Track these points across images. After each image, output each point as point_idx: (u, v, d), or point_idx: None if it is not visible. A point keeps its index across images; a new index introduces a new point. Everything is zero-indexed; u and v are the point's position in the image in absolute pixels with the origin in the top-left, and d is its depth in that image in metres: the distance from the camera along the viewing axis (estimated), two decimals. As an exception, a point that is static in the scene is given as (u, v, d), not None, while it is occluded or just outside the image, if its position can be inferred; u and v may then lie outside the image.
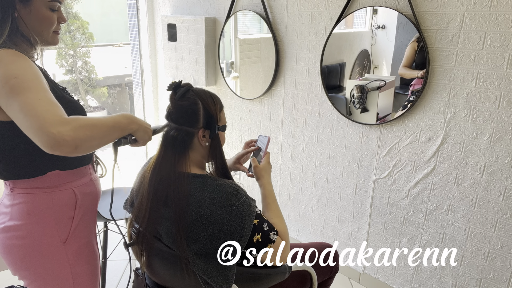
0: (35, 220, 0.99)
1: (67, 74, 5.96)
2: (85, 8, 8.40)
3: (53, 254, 1.02)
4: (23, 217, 0.99)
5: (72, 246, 1.05)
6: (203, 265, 0.98)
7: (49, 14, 0.99)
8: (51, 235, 1.01)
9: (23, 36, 0.96)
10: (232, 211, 0.98)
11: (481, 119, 1.50)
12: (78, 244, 1.07)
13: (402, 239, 1.86)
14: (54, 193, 1.01)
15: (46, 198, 1.00)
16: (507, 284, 1.56)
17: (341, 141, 2.00)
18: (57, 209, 1.02)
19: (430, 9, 1.54)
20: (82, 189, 1.08)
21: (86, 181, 1.11)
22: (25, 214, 0.99)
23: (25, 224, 0.98)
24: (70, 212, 1.04)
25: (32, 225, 0.99)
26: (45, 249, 1.01)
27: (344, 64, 1.87)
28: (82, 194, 1.08)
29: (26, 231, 0.99)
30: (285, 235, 1.10)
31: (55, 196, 1.02)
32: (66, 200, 1.04)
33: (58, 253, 1.02)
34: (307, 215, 2.29)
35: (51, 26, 1.01)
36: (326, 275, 1.42)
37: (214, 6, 2.50)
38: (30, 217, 0.99)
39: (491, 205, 1.54)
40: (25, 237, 0.99)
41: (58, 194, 1.02)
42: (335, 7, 1.85)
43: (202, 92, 1.09)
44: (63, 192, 1.03)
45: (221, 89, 2.63)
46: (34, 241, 0.99)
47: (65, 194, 1.04)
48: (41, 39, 1.01)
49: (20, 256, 1.00)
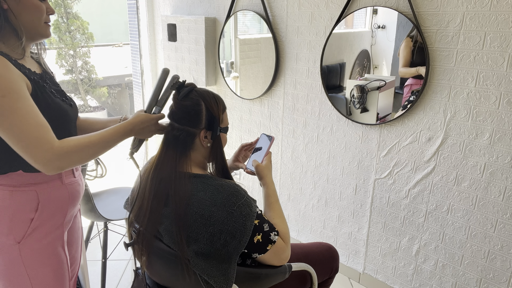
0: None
1: (67, 74, 5.96)
2: (85, 8, 8.40)
3: (6, 252, 1.01)
4: None
5: (28, 247, 1.03)
6: (203, 265, 0.98)
7: (38, 3, 1.00)
8: (5, 233, 1.00)
9: (12, 28, 0.96)
10: (233, 212, 0.98)
11: (481, 119, 1.50)
12: (36, 246, 1.04)
13: (402, 239, 1.86)
14: (14, 192, 1.00)
15: (4, 195, 1.00)
16: (507, 284, 1.57)
17: (341, 141, 2.00)
18: (14, 208, 1.00)
19: (430, 9, 1.54)
20: (48, 192, 1.05)
21: (54, 184, 1.07)
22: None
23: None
24: (30, 214, 1.02)
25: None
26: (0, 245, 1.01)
27: (344, 64, 1.87)
28: (47, 198, 1.05)
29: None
30: (286, 235, 1.10)
31: (14, 195, 1.00)
32: (26, 201, 1.02)
33: (11, 251, 1.01)
34: (307, 215, 2.29)
35: (41, 15, 1.01)
36: (326, 275, 1.42)
37: (214, 6, 2.51)
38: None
39: (491, 205, 1.54)
40: None
41: (18, 194, 1.01)
42: (335, 7, 1.85)
43: (206, 93, 1.08)
44: (24, 192, 1.02)
45: (221, 89, 2.63)
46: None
47: (26, 195, 1.02)
48: (33, 31, 1.00)
49: None
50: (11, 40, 0.98)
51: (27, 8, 0.98)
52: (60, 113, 1.05)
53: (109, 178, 2.18)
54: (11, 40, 0.98)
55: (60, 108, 1.05)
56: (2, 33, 0.95)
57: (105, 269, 1.92)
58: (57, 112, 1.04)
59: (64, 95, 1.11)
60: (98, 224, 2.52)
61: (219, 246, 0.97)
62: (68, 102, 1.11)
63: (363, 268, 2.07)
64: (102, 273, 1.92)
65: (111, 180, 3.11)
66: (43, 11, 1.02)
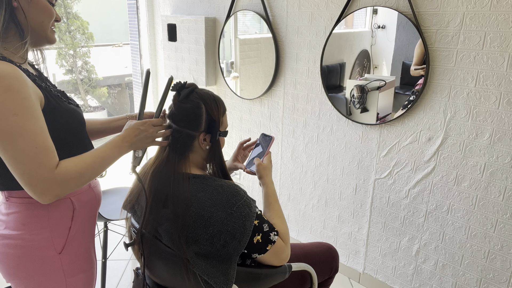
0: (30, 231, 0.96)
1: (67, 74, 5.96)
2: (85, 8, 8.39)
3: (47, 264, 0.99)
4: (18, 227, 0.96)
5: (68, 256, 1.02)
6: (203, 265, 0.98)
7: (49, 6, 0.97)
8: (46, 246, 0.98)
9: (18, 29, 0.92)
10: (232, 212, 0.98)
11: (481, 119, 1.50)
12: (74, 253, 1.04)
13: (402, 239, 1.86)
14: (50, 204, 0.98)
15: (41, 209, 0.97)
16: (507, 284, 1.56)
17: (341, 141, 2.00)
18: (53, 220, 0.99)
19: (430, 9, 1.54)
20: (80, 198, 1.05)
21: (84, 189, 1.07)
22: (20, 224, 0.96)
23: (20, 234, 0.96)
24: (67, 223, 1.01)
25: (27, 235, 0.96)
26: (40, 260, 0.98)
27: (344, 64, 1.87)
28: (80, 203, 1.05)
29: (20, 240, 0.96)
30: (285, 235, 1.10)
31: (51, 208, 0.98)
32: (62, 211, 1.00)
33: (53, 264, 1.00)
34: (307, 215, 2.29)
35: (51, 17, 0.98)
36: (326, 275, 1.42)
37: (214, 6, 2.50)
38: (25, 227, 0.96)
39: (491, 205, 1.54)
40: (19, 247, 0.96)
41: (54, 205, 0.99)
42: (335, 7, 1.85)
43: (206, 95, 1.07)
44: (60, 202, 1.00)
45: (221, 89, 2.63)
46: (28, 251, 0.96)
47: (62, 205, 1.00)
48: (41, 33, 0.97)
49: (13, 265, 0.97)
50: (14, 41, 0.93)
51: (39, 9, 0.94)
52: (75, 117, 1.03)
53: (109, 178, 2.18)
54: (14, 41, 0.93)
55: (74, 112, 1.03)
56: (6, 35, 0.91)
57: (105, 269, 1.92)
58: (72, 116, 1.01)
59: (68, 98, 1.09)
60: (98, 224, 2.52)
61: (219, 247, 0.97)
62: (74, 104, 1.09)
63: (363, 268, 2.07)
64: (102, 273, 1.92)
65: (111, 180, 3.11)
66: (53, 15, 0.99)
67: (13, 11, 0.91)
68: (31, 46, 1.00)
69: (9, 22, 0.90)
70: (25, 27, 0.93)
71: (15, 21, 0.91)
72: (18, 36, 0.93)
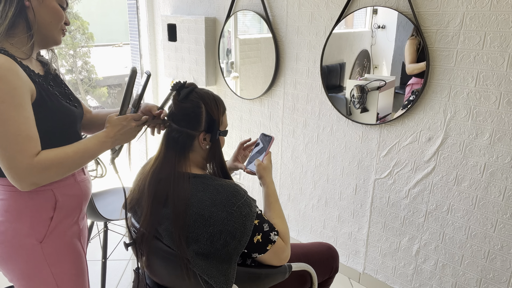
0: (12, 218, 0.99)
1: (67, 74, 5.97)
2: (85, 8, 8.39)
3: (29, 252, 1.02)
4: (1, 214, 0.99)
5: (50, 246, 1.04)
6: (203, 265, 0.98)
7: (59, 8, 1.02)
8: (26, 234, 1.01)
9: (27, 26, 0.97)
10: (232, 212, 0.98)
11: (481, 119, 1.50)
12: (57, 244, 1.06)
13: (402, 239, 1.86)
14: (32, 193, 1.01)
15: (23, 197, 1.00)
16: (507, 284, 1.57)
17: (341, 141, 2.00)
18: (34, 209, 1.01)
19: (430, 9, 1.54)
20: (64, 191, 1.07)
21: (69, 183, 1.09)
22: (3, 211, 0.99)
23: (3, 221, 0.99)
24: (49, 213, 1.04)
25: (9, 222, 0.99)
26: (22, 247, 1.01)
27: (344, 64, 1.87)
28: (64, 196, 1.06)
29: (4, 227, 0.99)
30: (285, 235, 1.10)
31: (32, 196, 1.01)
32: (44, 201, 1.03)
33: (34, 252, 1.02)
34: (307, 215, 2.29)
35: (61, 20, 1.03)
36: (326, 275, 1.42)
37: (214, 6, 2.51)
38: (7, 214, 0.99)
39: (491, 205, 1.54)
40: (2, 233, 0.99)
41: (36, 195, 1.01)
42: (335, 7, 1.85)
43: (206, 95, 1.07)
44: (42, 193, 1.02)
45: (221, 89, 2.63)
46: (11, 238, 1.00)
47: (44, 195, 1.03)
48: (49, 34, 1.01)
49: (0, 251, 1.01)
50: (22, 37, 0.97)
51: (49, 10, 0.99)
52: (66, 115, 1.05)
53: (109, 178, 2.17)
54: (22, 38, 0.98)
55: (67, 110, 1.05)
56: (14, 30, 0.96)
57: (105, 269, 1.92)
58: (63, 114, 1.03)
59: (68, 97, 1.11)
60: (98, 224, 2.52)
61: (219, 246, 0.97)
62: (72, 103, 1.11)
63: (363, 268, 2.07)
64: (102, 273, 1.92)
65: (111, 180, 3.11)
66: (62, 17, 1.03)
67: (24, 9, 0.96)
68: (39, 47, 1.05)
69: (18, 17, 0.95)
70: (32, 25, 0.97)
71: (24, 17, 0.96)
72: (25, 33, 0.98)
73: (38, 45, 1.04)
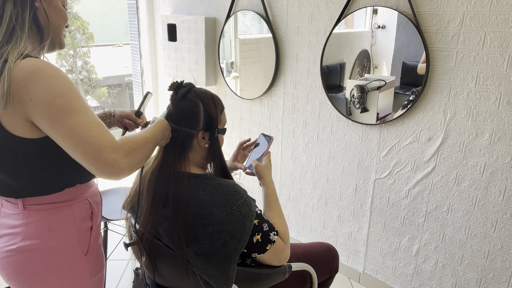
0: (57, 236, 0.93)
1: (67, 74, 5.98)
2: (85, 8, 8.39)
3: (76, 267, 0.98)
4: (43, 235, 0.92)
5: (92, 257, 1.02)
6: (203, 265, 0.98)
7: (64, 9, 0.97)
8: (74, 249, 0.97)
9: (39, 30, 0.90)
10: (232, 211, 0.98)
11: (481, 119, 1.50)
12: (96, 253, 1.04)
13: (402, 239, 1.86)
14: (73, 206, 0.97)
15: (67, 212, 0.96)
16: (507, 284, 1.56)
17: (341, 141, 2.00)
18: (78, 221, 0.98)
19: (430, 9, 1.54)
20: (94, 199, 1.06)
21: (95, 190, 1.08)
22: (45, 231, 0.92)
23: (45, 242, 0.92)
24: (89, 223, 1.01)
25: (53, 241, 0.93)
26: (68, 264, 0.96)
27: (344, 64, 1.87)
28: (96, 204, 1.06)
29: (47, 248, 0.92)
30: (285, 235, 1.10)
31: (74, 209, 0.97)
32: (84, 211, 1.00)
33: (80, 265, 0.99)
34: (307, 215, 2.29)
35: (66, 20, 0.97)
36: (326, 275, 1.42)
37: (214, 6, 2.51)
38: (51, 233, 0.93)
39: (491, 205, 1.54)
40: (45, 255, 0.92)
41: (77, 207, 0.98)
42: (335, 7, 1.85)
43: (204, 94, 1.08)
44: (81, 203, 1.00)
45: (221, 89, 2.63)
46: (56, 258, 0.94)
47: (83, 206, 1.00)
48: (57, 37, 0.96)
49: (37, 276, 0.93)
50: (34, 43, 0.90)
51: (57, 11, 0.94)
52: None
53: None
54: (35, 43, 0.90)
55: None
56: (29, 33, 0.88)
57: (105, 269, 1.92)
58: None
59: None
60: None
61: (219, 246, 0.97)
62: None
63: (363, 268, 2.07)
64: (102, 273, 1.91)
65: (111, 180, 3.11)
66: (67, 18, 0.98)
67: (35, 12, 0.89)
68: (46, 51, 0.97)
69: (32, 22, 0.88)
70: (45, 28, 0.91)
71: (36, 22, 0.89)
72: (36, 37, 0.91)
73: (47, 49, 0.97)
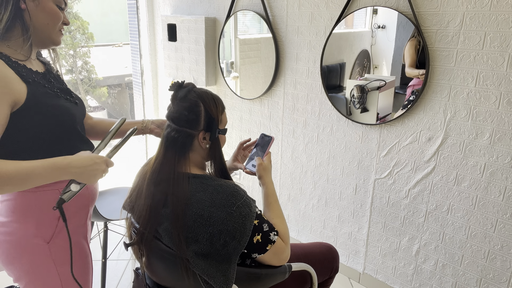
0: (18, 219, 1.00)
1: (67, 74, 5.97)
2: (85, 8, 8.39)
3: (36, 252, 1.02)
4: (8, 214, 1.00)
5: (57, 246, 1.05)
6: (203, 265, 0.98)
7: (56, 10, 1.01)
8: (33, 234, 1.01)
9: (24, 29, 0.97)
10: (232, 212, 0.98)
11: (481, 119, 1.50)
12: (64, 244, 1.06)
13: (402, 239, 1.86)
14: (38, 193, 1.00)
15: (29, 197, 1.00)
16: (507, 284, 1.56)
17: (341, 141, 2.00)
18: (40, 209, 1.01)
19: (430, 9, 1.54)
20: None
21: None
22: (10, 211, 1.00)
23: (10, 222, 1.00)
24: (56, 213, 1.04)
25: (16, 223, 1.00)
26: (28, 247, 1.01)
27: (344, 64, 1.87)
28: None
29: (11, 228, 1.00)
30: (285, 235, 1.10)
31: (39, 196, 1.01)
32: (51, 200, 1.02)
33: (41, 252, 1.02)
34: (307, 215, 2.29)
35: (58, 21, 1.02)
36: (326, 275, 1.42)
37: (214, 6, 2.51)
38: (14, 214, 1.00)
39: (491, 205, 1.54)
40: (9, 234, 1.00)
41: (42, 194, 1.01)
42: (335, 7, 1.85)
43: (204, 94, 1.08)
44: (48, 192, 1.02)
45: (221, 89, 2.63)
46: (18, 239, 1.00)
47: (50, 195, 1.02)
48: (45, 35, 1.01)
49: (5, 252, 1.01)
50: (19, 40, 0.98)
51: (45, 12, 0.99)
52: (63, 112, 1.04)
53: (109, 178, 2.18)
54: (19, 40, 0.98)
55: (63, 107, 1.05)
56: (10, 33, 0.96)
57: (105, 269, 1.92)
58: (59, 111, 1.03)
59: (69, 94, 1.11)
60: (98, 224, 2.52)
61: (219, 247, 0.97)
62: (73, 100, 1.11)
63: (363, 268, 2.07)
64: (102, 273, 1.92)
65: (111, 180, 3.11)
66: (60, 18, 1.03)
67: (20, 11, 0.96)
68: (37, 47, 1.05)
69: (14, 21, 0.95)
70: (28, 26, 0.98)
71: (21, 20, 0.96)
72: (21, 36, 0.98)
73: (37, 46, 1.04)
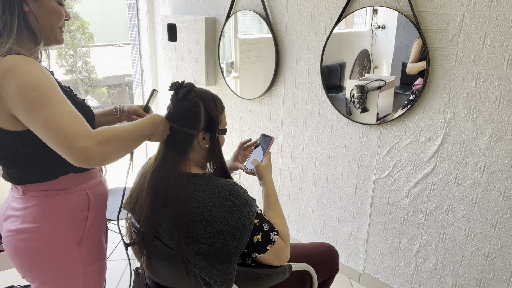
0: (49, 222, 0.99)
1: (67, 74, 5.97)
2: (85, 8, 8.40)
3: (67, 254, 1.02)
4: (36, 220, 0.98)
5: (86, 246, 1.05)
6: (203, 265, 0.98)
7: (58, 7, 0.99)
8: (65, 236, 1.01)
9: (30, 32, 0.95)
10: (232, 211, 0.98)
11: (481, 119, 1.50)
12: (91, 243, 1.07)
13: (402, 239, 1.86)
14: (68, 195, 1.01)
15: (60, 200, 1.00)
16: (507, 284, 1.56)
17: (341, 141, 2.00)
18: (71, 210, 1.02)
19: (430, 9, 1.54)
20: (94, 190, 1.08)
21: (96, 182, 1.10)
22: (39, 216, 0.98)
23: (39, 227, 0.98)
24: (84, 213, 1.05)
25: (46, 226, 0.98)
26: (60, 250, 1.00)
27: (344, 64, 1.87)
28: (94, 195, 1.08)
29: (40, 233, 0.98)
30: (285, 235, 1.10)
31: (69, 198, 1.01)
32: (79, 201, 1.04)
33: (72, 253, 1.02)
34: (307, 215, 2.29)
35: (61, 19, 1.01)
36: (326, 275, 1.42)
37: (214, 6, 2.51)
38: (44, 219, 0.98)
39: (491, 205, 1.54)
40: (39, 239, 0.98)
41: (71, 196, 1.02)
42: (335, 7, 1.85)
43: (204, 94, 1.08)
44: (76, 193, 1.03)
45: (221, 89, 2.63)
46: (48, 243, 0.99)
47: (79, 196, 1.04)
48: (51, 36, 1.00)
49: (32, 258, 0.99)
50: (28, 44, 0.96)
51: (49, 12, 0.97)
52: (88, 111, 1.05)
53: (109, 178, 2.17)
54: (29, 43, 0.96)
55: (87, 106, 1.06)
56: (21, 38, 0.94)
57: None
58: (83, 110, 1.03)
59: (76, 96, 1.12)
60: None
61: (219, 246, 0.97)
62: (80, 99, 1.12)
63: (363, 268, 2.07)
64: (102, 273, 1.91)
65: (111, 180, 3.11)
66: (63, 15, 1.01)
67: (26, 16, 0.93)
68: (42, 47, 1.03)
69: (22, 27, 0.93)
70: (37, 31, 0.96)
71: (27, 26, 0.94)
72: (30, 39, 0.96)
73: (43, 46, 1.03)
